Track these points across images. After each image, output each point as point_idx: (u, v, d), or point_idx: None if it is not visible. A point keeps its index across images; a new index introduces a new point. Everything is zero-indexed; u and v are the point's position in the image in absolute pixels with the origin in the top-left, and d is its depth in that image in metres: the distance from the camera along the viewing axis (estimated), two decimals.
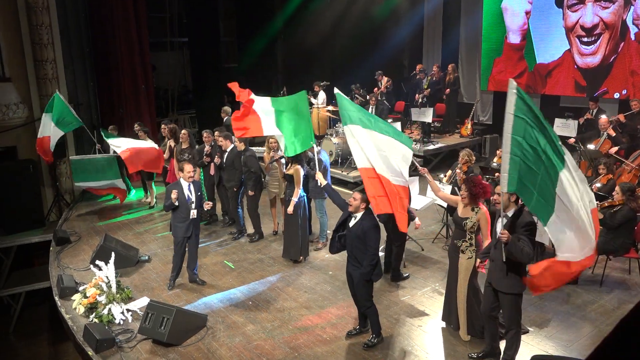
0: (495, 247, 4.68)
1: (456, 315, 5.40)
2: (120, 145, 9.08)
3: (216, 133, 8.34)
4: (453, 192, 6.97)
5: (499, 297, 4.72)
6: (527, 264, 4.54)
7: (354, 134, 5.47)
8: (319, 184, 6.32)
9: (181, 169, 6.51)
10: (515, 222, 4.52)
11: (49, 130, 9.47)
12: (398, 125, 10.99)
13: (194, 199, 6.44)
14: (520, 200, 4.60)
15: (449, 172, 7.90)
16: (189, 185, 6.44)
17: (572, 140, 9.16)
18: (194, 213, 6.44)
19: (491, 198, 4.91)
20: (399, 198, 5.22)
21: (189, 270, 6.76)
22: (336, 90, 5.94)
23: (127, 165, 9.13)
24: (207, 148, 8.35)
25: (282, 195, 7.84)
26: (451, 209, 5.43)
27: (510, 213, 4.58)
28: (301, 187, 7.09)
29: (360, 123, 5.48)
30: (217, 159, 8.12)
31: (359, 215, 5.13)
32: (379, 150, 5.37)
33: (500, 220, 4.60)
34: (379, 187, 5.23)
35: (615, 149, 8.58)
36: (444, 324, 5.62)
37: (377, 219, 5.30)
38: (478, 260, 5.08)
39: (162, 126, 9.51)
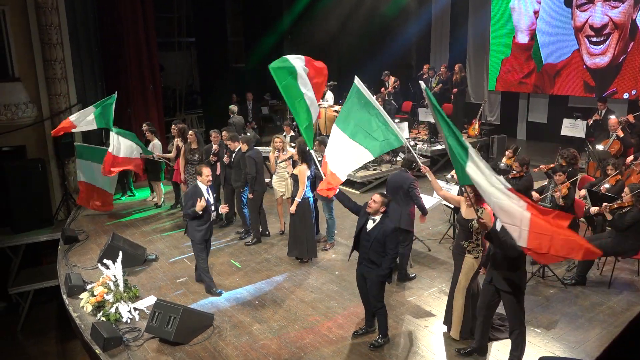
0: (494, 248, 4.65)
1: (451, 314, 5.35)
2: (114, 146, 8.88)
3: (224, 133, 8.36)
4: (460, 192, 6.94)
5: (502, 296, 4.70)
6: (512, 255, 4.46)
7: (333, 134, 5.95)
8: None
9: (199, 173, 6.42)
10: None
11: (79, 119, 9.25)
12: (405, 126, 10.96)
13: (212, 201, 6.45)
14: None
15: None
16: (207, 188, 6.43)
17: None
18: (213, 215, 6.45)
19: None
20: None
21: (197, 272, 6.79)
22: (356, 80, 5.96)
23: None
24: (215, 147, 8.36)
25: (288, 195, 7.85)
26: (458, 210, 5.40)
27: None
28: (306, 187, 7.08)
29: (343, 128, 5.86)
30: (226, 159, 8.12)
31: (377, 218, 5.12)
32: (339, 149, 5.81)
33: (498, 220, 4.59)
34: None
35: (631, 158, 8.45)
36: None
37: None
38: (483, 268, 5.05)
39: (173, 126, 9.51)
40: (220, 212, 6.73)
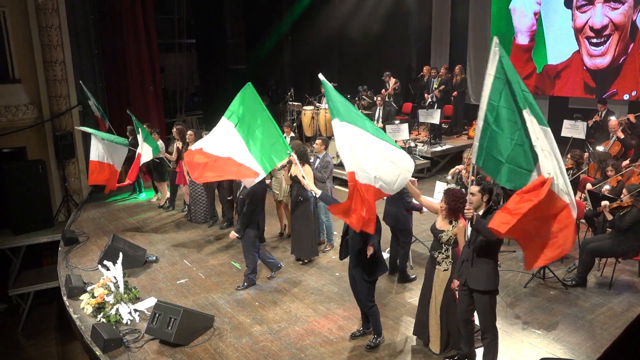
0: (468, 246, 4.63)
1: (428, 328, 5.24)
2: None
3: None
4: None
5: (475, 298, 4.65)
6: (493, 240, 4.43)
7: (346, 132, 4.73)
8: (310, 195, 6.33)
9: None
10: (484, 219, 4.52)
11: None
12: (405, 127, 10.96)
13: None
14: (491, 201, 4.67)
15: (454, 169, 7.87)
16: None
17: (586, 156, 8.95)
18: None
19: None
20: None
21: None
22: (321, 77, 5.19)
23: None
24: None
25: (281, 197, 7.95)
26: None
27: (480, 212, 4.61)
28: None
29: (350, 121, 4.80)
30: None
31: None
32: (375, 153, 4.77)
33: (469, 223, 4.61)
34: (356, 198, 4.62)
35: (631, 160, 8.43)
36: None
37: (380, 221, 5.27)
38: (455, 281, 4.86)
39: (174, 129, 9.48)
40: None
